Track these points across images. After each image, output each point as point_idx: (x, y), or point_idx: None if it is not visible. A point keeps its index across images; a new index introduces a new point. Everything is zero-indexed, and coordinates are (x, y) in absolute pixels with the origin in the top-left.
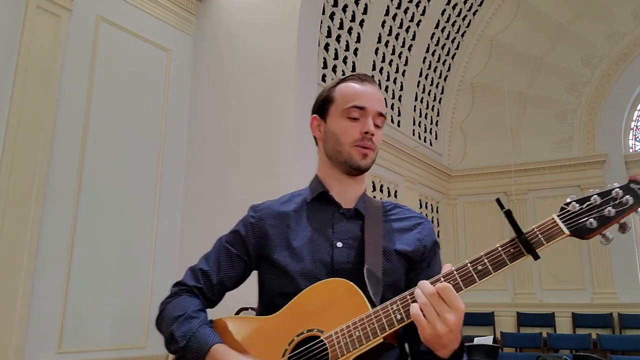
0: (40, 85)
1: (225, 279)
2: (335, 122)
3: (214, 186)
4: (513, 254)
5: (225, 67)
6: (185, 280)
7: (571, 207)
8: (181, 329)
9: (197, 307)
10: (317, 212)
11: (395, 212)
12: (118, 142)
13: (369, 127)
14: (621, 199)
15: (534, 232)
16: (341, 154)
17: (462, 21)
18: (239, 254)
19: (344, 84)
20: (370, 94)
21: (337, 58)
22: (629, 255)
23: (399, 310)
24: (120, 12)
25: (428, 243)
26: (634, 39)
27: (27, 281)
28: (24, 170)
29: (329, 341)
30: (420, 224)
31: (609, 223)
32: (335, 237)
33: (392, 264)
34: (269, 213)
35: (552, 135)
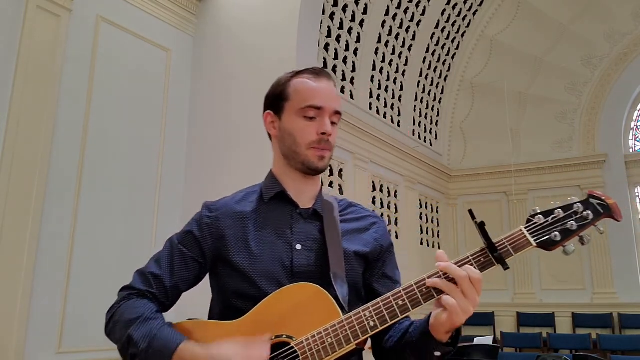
0: (40, 85)
1: (180, 282)
2: (290, 120)
3: (214, 186)
4: (483, 264)
5: (225, 67)
6: (135, 285)
7: (537, 219)
8: (140, 330)
9: (154, 309)
10: (274, 212)
11: (351, 212)
12: (118, 142)
13: (326, 127)
14: (582, 213)
15: (503, 243)
16: (298, 155)
17: (462, 21)
18: (193, 256)
19: (299, 80)
20: (327, 91)
21: (337, 58)
22: (629, 255)
23: (372, 317)
24: (120, 12)
25: (384, 243)
26: (634, 39)
27: (27, 281)
28: (24, 170)
29: (300, 348)
30: (375, 223)
31: (571, 236)
32: (294, 238)
33: (352, 266)
34: (225, 213)
35: (552, 135)
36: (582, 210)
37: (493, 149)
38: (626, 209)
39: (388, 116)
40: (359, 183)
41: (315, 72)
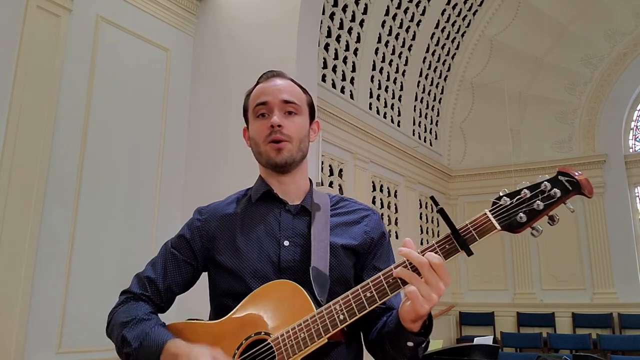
0: (40, 85)
1: (173, 284)
2: (251, 126)
3: (214, 186)
4: (448, 250)
5: (225, 67)
6: (132, 288)
7: (502, 201)
8: (134, 331)
9: (149, 311)
10: (262, 210)
11: (342, 206)
12: (118, 142)
13: (274, 120)
14: (549, 191)
15: (467, 228)
16: (261, 155)
17: (462, 21)
18: (185, 259)
19: (255, 89)
20: (273, 86)
21: (337, 58)
22: (629, 255)
23: (342, 310)
24: (120, 12)
25: (375, 235)
26: (634, 39)
27: (27, 281)
28: (24, 170)
29: (276, 344)
30: (366, 216)
31: (538, 216)
32: (282, 235)
33: (339, 259)
34: (214, 215)
35: (552, 135)
36: (549, 189)
37: (493, 149)
38: (626, 209)
39: (388, 116)
40: (359, 183)
41: (266, 76)
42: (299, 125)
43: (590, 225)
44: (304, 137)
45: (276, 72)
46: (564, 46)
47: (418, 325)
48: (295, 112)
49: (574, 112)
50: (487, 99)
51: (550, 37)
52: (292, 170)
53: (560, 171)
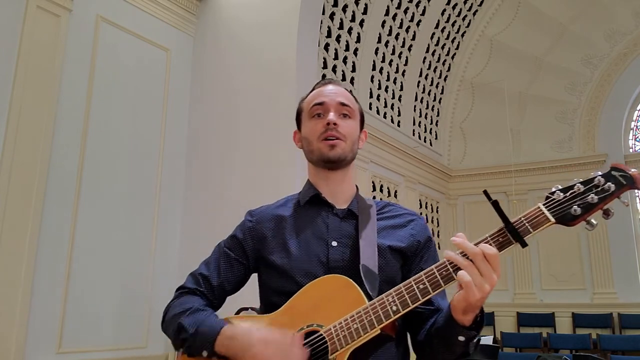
0: (40, 85)
1: (225, 282)
2: (305, 126)
3: (214, 186)
4: (502, 243)
5: (225, 67)
6: (186, 284)
7: (556, 196)
8: (190, 319)
9: (203, 303)
10: (311, 214)
11: (388, 210)
12: (118, 142)
13: (330, 117)
14: (603, 185)
15: (521, 221)
16: (313, 152)
17: (462, 21)
18: (237, 258)
19: (310, 93)
20: (330, 90)
21: (337, 58)
22: (629, 255)
23: (395, 301)
24: (120, 12)
25: (421, 238)
26: (634, 39)
27: (27, 281)
28: (24, 170)
29: (328, 335)
30: (412, 220)
31: (593, 209)
32: (330, 236)
33: (387, 260)
34: (265, 217)
35: (552, 135)
36: (603, 183)
37: (493, 149)
38: (626, 209)
39: (388, 116)
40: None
41: (323, 82)
42: (352, 127)
43: None
44: (355, 139)
45: (332, 80)
46: (564, 46)
47: (469, 319)
48: (350, 115)
49: (574, 112)
50: (487, 99)
51: (550, 37)
52: (341, 169)
53: (613, 167)
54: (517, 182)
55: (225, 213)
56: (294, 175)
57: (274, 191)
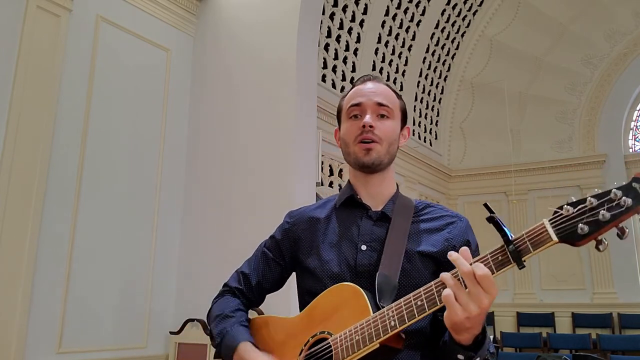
0: (40, 85)
1: (263, 280)
2: (343, 126)
3: (214, 186)
4: (501, 262)
5: (225, 67)
6: (229, 282)
7: (564, 211)
8: (218, 327)
9: (236, 307)
10: (345, 216)
11: (427, 212)
12: (118, 142)
13: (366, 119)
14: (619, 200)
15: (522, 239)
16: (349, 154)
17: (462, 21)
18: (275, 258)
19: (351, 90)
20: (368, 89)
21: (337, 58)
22: (629, 255)
23: (394, 316)
24: (120, 12)
25: (457, 242)
26: (634, 39)
27: (27, 281)
28: (24, 170)
29: (334, 343)
30: (451, 223)
31: (603, 228)
32: (360, 240)
33: (413, 264)
34: (301, 218)
35: (552, 135)
36: (619, 197)
37: (493, 149)
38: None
39: None
40: None
41: (362, 79)
42: (390, 128)
43: None
44: (393, 140)
45: (372, 76)
46: (564, 46)
47: (467, 339)
48: (388, 115)
49: (574, 112)
50: (487, 99)
51: (550, 37)
52: (379, 172)
53: (636, 177)
54: (517, 182)
55: (225, 213)
56: (294, 175)
57: (274, 191)
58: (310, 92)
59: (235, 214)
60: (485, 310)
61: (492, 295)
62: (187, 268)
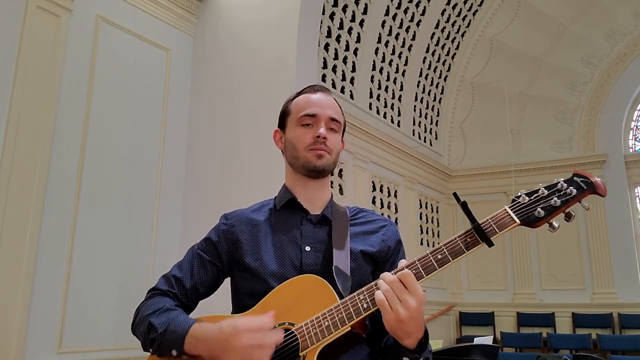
0: (40, 85)
1: (199, 283)
2: (291, 131)
3: (214, 186)
4: (469, 243)
5: (225, 67)
6: (159, 286)
7: (521, 199)
8: (160, 318)
9: (175, 304)
10: (285, 218)
11: (361, 217)
12: (118, 142)
13: (321, 131)
14: (566, 190)
15: (487, 222)
16: (298, 159)
17: (462, 21)
18: (211, 260)
19: (299, 97)
20: (322, 101)
21: (337, 58)
22: (629, 255)
23: (365, 299)
24: (120, 12)
25: (392, 243)
26: (634, 39)
27: (27, 281)
28: (24, 170)
29: (300, 332)
30: (384, 226)
31: (555, 212)
32: (304, 241)
33: (358, 264)
34: (239, 220)
35: (552, 135)
36: (565, 188)
37: (493, 149)
38: (626, 209)
39: (388, 116)
40: (359, 183)
41: (313, 88)
42: (337, 142)
43: (590, 225)
44: (338, 152)
45: (322, 87)
46: (564, 46)
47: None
48: (337, 130)
49: (574, 112)
50: (487, 99)
51: (550, 37)
52: (321, 178)
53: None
54: (517, 182)
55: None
56: None
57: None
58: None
59: None
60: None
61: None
62: None
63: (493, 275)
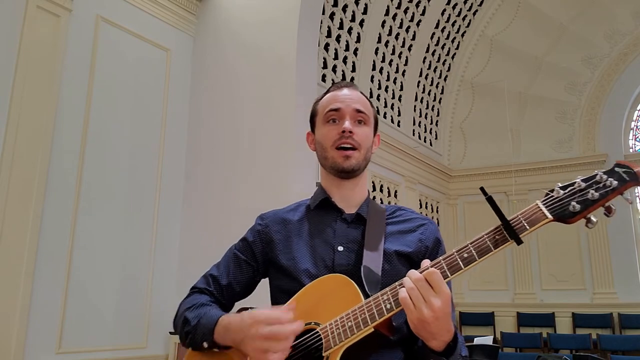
0: (40, 85)
1: (234, 282)
2: (318, 130)
3: (214, 186)
4: (497, 240)
5: (225, 68)
6: (197, 284)
7: (555, 193)
8: (194, 312)
9: (210, 300)
10: (319, 218)
11: (398, 215)
12: (118, 142)
13: (346, 125)
14: (605, 182)
15: (517, 218)
16: (327, 159)
17: (462, 21)
18: (247, 260)
19: (325, 96)
20: (346, 95)
21: (337, 58)
22: (629, 255)
23: (389, 299)
24: (120, 12)
25: (430, 243)
26: (634, 39)
27: (27, 281)
28: (24, 170)
29: (324, 332)
30: (422, 225)
31: (593, 206)
32: (337, 241)
33: (392, 265)
34: (274, 220)
35: (552, 135)
36: (605, 179)
37: (493, 149)
38: (626, 209)
39: (388, 116)
40: None
41: (338, 85)
42: (366, 135)
43: None
44: (369, 147)
45: (348, 83)
46: (564, 46)
47: (438, 345)
48: (365, 122)
49: (574, 112)
50: (487, 99)
51: (550, 37)
52: (354, 177)
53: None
54: (517, 182)
55: (224, 213)
56: (294, 175)
57: (274, 191)
58: (310, 92)
59: (235, 214)
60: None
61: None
62: (187, 268)
63: (493, 275)
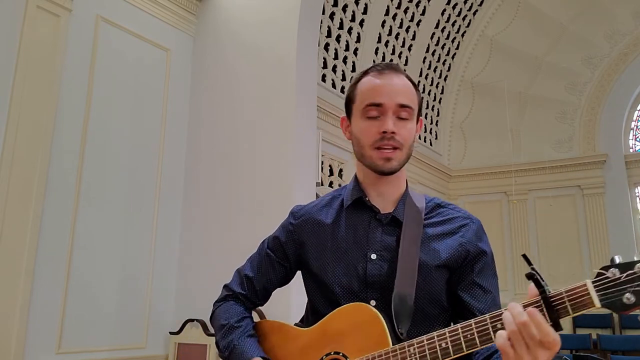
0: (40, 85)
1: (268, 284)
2: (355, 123)
3: (214, 186)
4: None
5: (225, 68)
6: (232, 286)
7: (610, 274)
8: (225, 340)
9: (241, 315)
10: (354, 219)
11: (438, 213)
12: (118, 142)
13: (387, 125)
14: None
15: (562, 298)
16: (364, 157)
17: (462, 21)
18: (279, 260)
19: (364, 79)
20: (388, 86)
21: (337, 58)
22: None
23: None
24: (120, 12)
25: (471, 247)
26: (634, 39)
27: (27, 281)
28: (24, 170)
29: None
30: (464, 225)
31: None
32: (370, 248)
33: (427, 276)
34: (307, 220)
35: (552, 135)
36: None
37: (493, 149)
38: (626, 209)
39: None
40: None
41: (379, 68)
42: (410, 132)
43: (590, 225)
44: (412, 142)
45: (389, 65)
46: (564, 46)
47: None
48: (408, 117)
49: (574, 112)
50: (487, 99)
51: (550, 37)
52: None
53: None
54: (517, 182)
55: (225, 213)
56: (294, 175)
57: (274, 191)
58: (310, 91)
59: (235, 214)
60: None
61: (551, 345)
62: (187, 268)
63: None
